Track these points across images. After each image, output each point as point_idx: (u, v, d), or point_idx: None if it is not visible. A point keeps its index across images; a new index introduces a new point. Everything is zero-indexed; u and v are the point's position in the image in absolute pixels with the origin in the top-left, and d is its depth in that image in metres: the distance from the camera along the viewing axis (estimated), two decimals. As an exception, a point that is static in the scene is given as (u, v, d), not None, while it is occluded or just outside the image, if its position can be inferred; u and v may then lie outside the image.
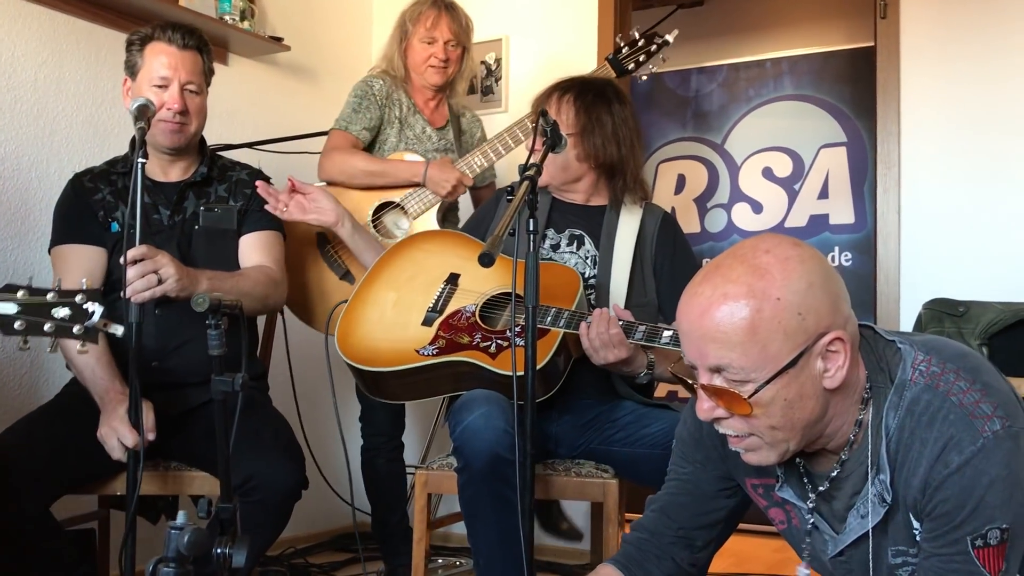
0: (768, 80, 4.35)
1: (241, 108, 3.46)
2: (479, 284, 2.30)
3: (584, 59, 3.66)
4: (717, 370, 1.25)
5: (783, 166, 4.29)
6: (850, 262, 4.11)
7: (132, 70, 2.33)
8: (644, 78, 3.01)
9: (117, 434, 2.07)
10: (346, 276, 2.75)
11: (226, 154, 2.65)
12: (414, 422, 3.51)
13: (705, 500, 1.56)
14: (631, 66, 2.90)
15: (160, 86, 2.28)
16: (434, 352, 2.19)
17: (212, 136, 2.60)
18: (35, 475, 2.05)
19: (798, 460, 1.39)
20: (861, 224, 4.08)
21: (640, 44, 2.91)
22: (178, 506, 2.55)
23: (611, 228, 2.35)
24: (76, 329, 1.59)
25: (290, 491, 2.14)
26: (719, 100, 4.44)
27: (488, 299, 2.27)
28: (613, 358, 2.04)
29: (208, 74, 2.40)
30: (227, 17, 3.21)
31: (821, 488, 1.37)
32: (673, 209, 4.47)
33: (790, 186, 4.27)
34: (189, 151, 2.40)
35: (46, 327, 1.58)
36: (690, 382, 1.32)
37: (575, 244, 2.36)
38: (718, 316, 1.22)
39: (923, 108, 3.26)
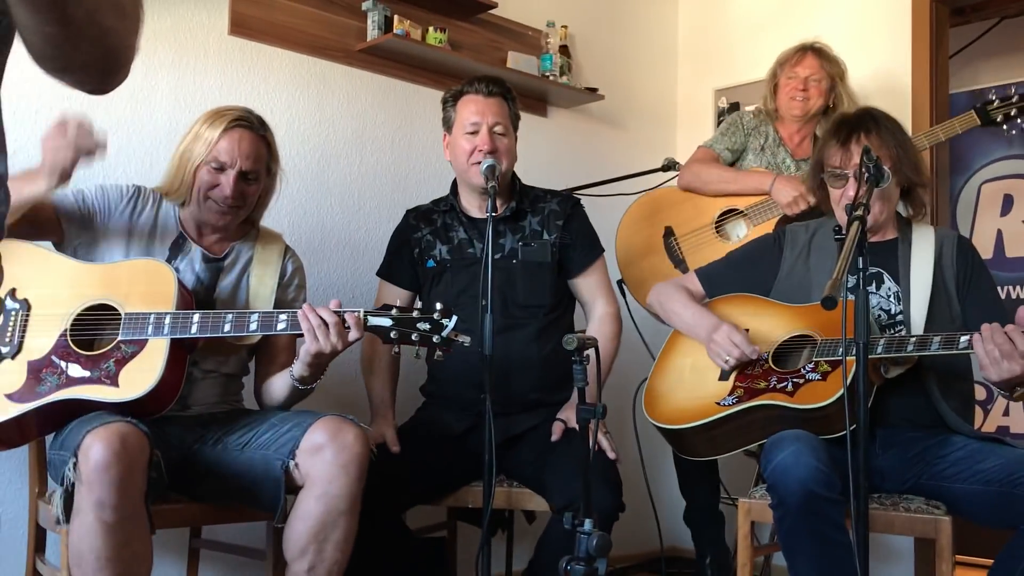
0: (1110, 89, 3.98)
1: (559, 156, 3.73)
2: (769, 334, 2.38)
3: (898, 81, 3.57)
4: None
5: None
6: None
7: (448, 124, 2.60)
8: (1011, 131, 3.16)
9: (386, 438, 2.46)
10: (680, 265, 3.09)
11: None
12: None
13: None
14: (999, 118, 2.94)
15: (471, 132, 2.51)
16: (734, 401, 2.29)
17: (533, 183, 2.87)
18: (390, 485, 2.31)
19: None
20: None
21: (1015, 99, 2.95)
22: (514, 519, 2.82)
23: (907, 260, 2.33)
24: (435, 338, 2.01)
25: (607, 515, 2.25)
26: (1050, 114, 4.12)
27: (780, 345, 2.34)
28: (1009, 373, 1.97)
29: (514, 118, 2.60)
30: (548, 74, 3.51)
31: None
32: (999, 232, 4.20)
33: None
34: (503, 189, 2.59)
35: (413, 336, 2.02)
36: None
37: (873, 283, 2.34)
38: None
39: None
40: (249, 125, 2.23)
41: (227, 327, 2.04)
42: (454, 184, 2.70)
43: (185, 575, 2.52)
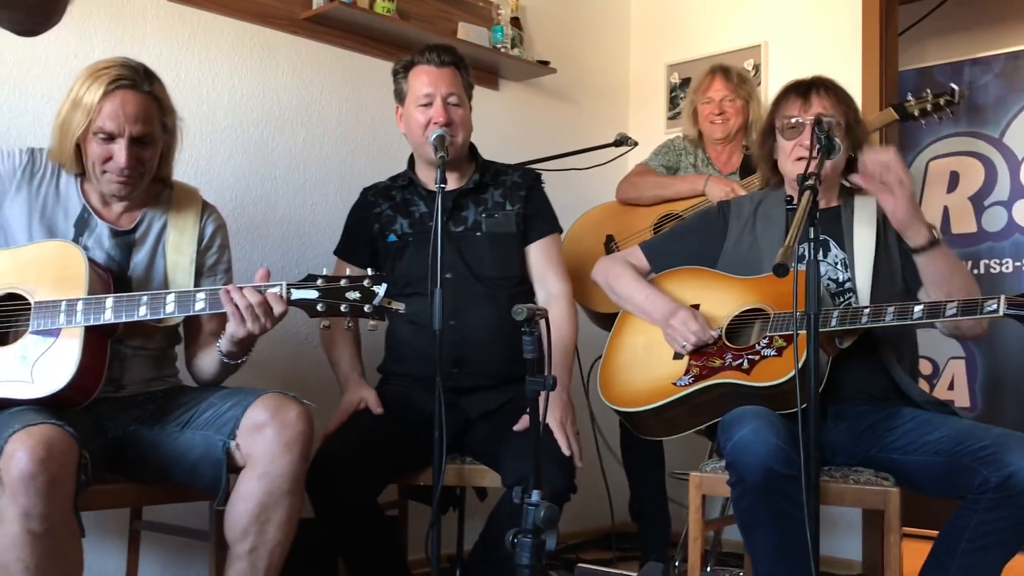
0: (1053, 67, 4.03)
1: (511, 130, 3.68)
2: (719, 308, 2.36)
3: (848, 57, 3.58)
4: None
5: (1072, 159, 3.97)
6: None
7: (400, 96, 2.53)
8: (924, 123, 3.15)
9: (368, 401, 2.46)
10: None
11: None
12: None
13: None
14: (916, 112, 3.00)
15: (425, 104, 2.45)
16: (690, 381, 2.28)
17: (484, 156, 2.82)
18: (361, 473, 2.28)
19: None
20: None
21: (929, 96, 3.01)
22: (465, 498, 2.79)
23: (850, 226, 2.33)
24: (367, 308, 1.87)
25: (558, 495, 2.20)
26: (996, 92, 4.17)
27: (732, 319, 2.33)
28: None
29: (468, 87, 2.54)
30: (499, 46, 3.45)
31: None
32: (946, 208, 4.25)
33: (1080, 180, 3.94)
34: (460, 161, 2.55)
35: (342, 308, 1.88)
36: None
37: (820, 251, 2.32)
38: None
39: None
40: (132, 84, 1.98)
41: (143, 310, 1.92)
42: (411, 158, 2.64)
43: (126, 557, 2.45)
